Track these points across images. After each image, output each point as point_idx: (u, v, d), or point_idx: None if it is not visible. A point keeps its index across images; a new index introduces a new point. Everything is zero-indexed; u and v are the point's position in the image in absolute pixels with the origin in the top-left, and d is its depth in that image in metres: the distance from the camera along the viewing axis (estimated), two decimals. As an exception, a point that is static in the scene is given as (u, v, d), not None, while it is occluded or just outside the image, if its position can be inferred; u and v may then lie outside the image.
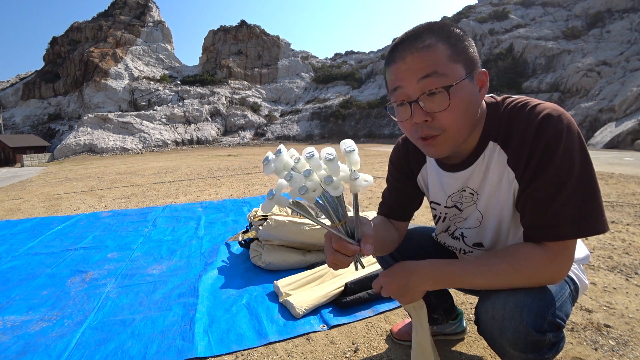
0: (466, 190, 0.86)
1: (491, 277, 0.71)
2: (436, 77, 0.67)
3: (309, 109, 46.86)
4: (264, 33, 59.46)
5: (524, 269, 0.70)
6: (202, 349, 1.31)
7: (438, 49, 0.68)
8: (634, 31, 29.14)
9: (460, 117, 0.70)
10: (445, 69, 0.67)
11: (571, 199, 0.66)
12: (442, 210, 0.95)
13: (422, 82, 0.68)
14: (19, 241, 2.87)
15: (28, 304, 1.74)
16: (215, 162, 13.31)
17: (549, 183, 0.67)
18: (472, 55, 0.71)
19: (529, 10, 41.29)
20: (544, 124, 0.68)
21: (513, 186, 0.75)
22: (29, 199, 5.51)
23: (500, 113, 0.77)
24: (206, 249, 2.48)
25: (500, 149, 0.76)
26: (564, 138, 0.66)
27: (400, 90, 0.71)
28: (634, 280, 1.73)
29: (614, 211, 3.15)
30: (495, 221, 0.83)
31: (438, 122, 0.70)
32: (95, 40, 53.45)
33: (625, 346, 1.22)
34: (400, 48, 0.70)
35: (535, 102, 0.72)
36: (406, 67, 0.69)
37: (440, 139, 0.72)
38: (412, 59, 0.68)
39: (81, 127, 37.80)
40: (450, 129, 0.71)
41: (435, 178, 0.93)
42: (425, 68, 0.67)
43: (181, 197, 4.85)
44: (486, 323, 0.76)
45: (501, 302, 0.72)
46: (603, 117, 21.59)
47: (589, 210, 0.66)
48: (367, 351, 1.28)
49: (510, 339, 0.70)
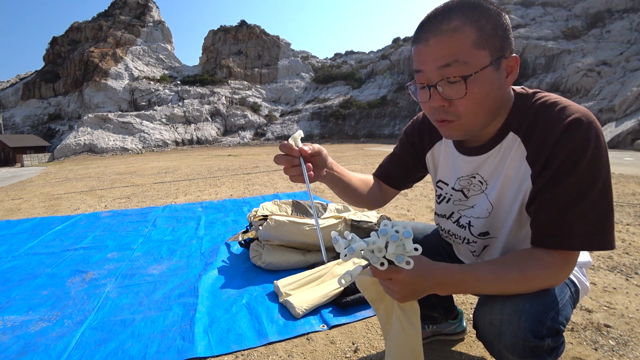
0: (476, 177, 0.85)
1: (502, 284, 0.70)
2: (456, 65, 0.65)
3: (309, 109, 46.86)
4: (264, 33, 59.46)
5: (535, 276, 0.69)
6: (202, 349, 1.31)
7: (464, 33, 0.65)
8: (634, 31, 29.14)
9: (477, 106, 0.69)
10: (467, 56, 0.65)
11: (589, 211, 0.65)
12: (448, 191, 0.93)
13: (442, 69, 0.67)
14: (19, 241, 2.87)
15: (28, 304, 1.74)
16: (215, 162, 13.31)
17: (570, 192, 0.65)
18: (504, 39, 0.67)
19: (529, 10, 41.28)
20: (572, 128, 0.65)
21: (527, 184, 0.73)
22: (29, 199, 5.51)
23: (528, 106, 0.74)
24: (206, 249, 2.48)
25: (521, 142, 0.74)
26: (592, 148, 0.64)
27: (421, 74, 0.71)
28: (634, 280, 1.73)
29: (614, 211, 3.15)
30: (505, 213, 0.81)
31: (455, 108, 0.70)
32: (95, 40, 53.45)
33: (625, 346, 1.22)
34: (426, 28, 0.68)
35: (567, 103, 0.70)
36: (428, 51, 0.68)
37: (455, 125, 0.72)
38: (434, 42, 0.66)
39: (81, 127, 37.80)
40: (466, 116, 0.70)
41: (447, 157, 0.92)
42: (446, 55, 0.66)
43: (181, 197, 4.85)
44: (484, 328, 0.75)
45: (499, 307, 0.71)
46: (603, 117, 21.59)
47: (603, 226, 0.66)
48: (367, 351, 1.28)
49: (508, 344, 0.69)
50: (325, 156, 0.84)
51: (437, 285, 0.71)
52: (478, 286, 0.71)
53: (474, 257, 0.97)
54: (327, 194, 4.60)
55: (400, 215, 3.26)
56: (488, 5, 0.67)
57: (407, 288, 0.69)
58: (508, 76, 0.70)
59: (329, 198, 4.22)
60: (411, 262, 0.67)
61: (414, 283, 0.69)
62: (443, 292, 0.73)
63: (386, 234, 0.67)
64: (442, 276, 0.70)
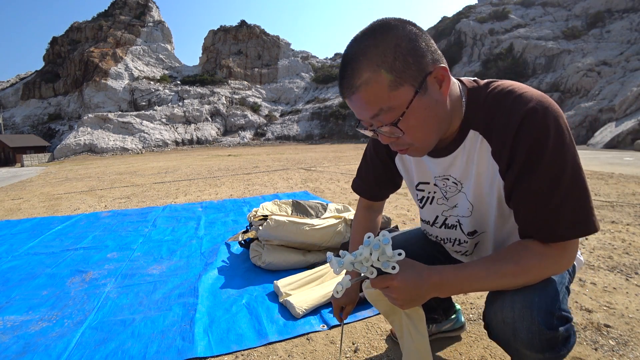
0: (449, 179, 0.84)
1: (499, 279, 0.69)
2: (384, 113, 0.66)
3: (309, 109, 46.88)
4: (264, 33, 59.46)
5: (533, 269, 0.68)
6: (202, 349, 1.31)
7: (377, 82, 0.63)
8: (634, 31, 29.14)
9: (420, 133, 0.70)
10: (389, 101, 0.64)
11: (565, 199, 0.64)
12: (430, 190, 0.92)
13: (373, 119, 0.68)
14: (19, 241, 2.87)
15: (28, 304, 1.74)
16: (215, 162, 13.31)
17: (541, 184, 0.65)
18: (418, 62, 0.64)
19: (529, 10, 41.29)
20: (528, 119, 0.64)
21: (497, 179, 0.73)
22: (29, 199, 5.51)
23: (482, 99, 0.73)
24: (206, 249, 2.48)
25: (483, 138, 0.73)
26: (552, 136, 0.63)
27: (362, 122, 0.72)
28: (634, 280, 1.73)
29: (614, 211, 3.15)
30: (486, 209, 0.82)
31: (403, 140, 0.71)
32: (95, 40, 53.46)
33: (625, 346, 1.22)
34: (343, 85, 0.68)
35: (521, 90, 0.68)
36: (354, 106, 0.69)
37: (412, 149, 0.74)
38: (354, 100, 0.67)
39: (81, 127, 37.80)
40: (417, 141, 0.71)
41: (418, 160, 0.91)
42: (370, 108, 0.66)
43: (181, 197, 4.85)
44: (497, 327, 0.74)
45: (509, 304, 0.71)
46: (603, 117, 21.59)
47: (582, 211, 0.65)
48: (367, 351, 1.28)
49: (524, 341, 0.69)
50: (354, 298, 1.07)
51: (434, 288, 0.71)
52: (475, 284, 0.71)
53: (466, 257, 0.97)
54: (327, 194, 4.60)
55: (400, 215, 3.26)
56: (391, 35, 0.63)
57: (404, 293, 0.71)
58: (441, 86, 0.67)
59: (329, 198, 4.23)
60: (396, 267, 0.71)
61: (410, 288, 0.70)
62: (442, 294, 0.73)
63: (369, 244, 0.72)
64: (437, 278, 0.71)
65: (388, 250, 0.71)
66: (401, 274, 0.71)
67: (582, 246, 2.24)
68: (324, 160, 11.47)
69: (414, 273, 0.71)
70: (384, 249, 0.71)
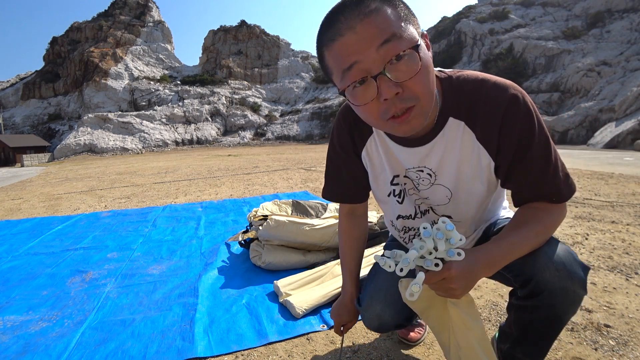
0: (424, 170, 0.83)
1: (533, 240, 0.75)
2: (397, 40, 0.58)
3: (309, 109, 46.87)
4: (264, 33, 59.46)
5: (553, 224, 0.76)
6: (202, 349, 1.31)
7: (387, 11, 0.59)
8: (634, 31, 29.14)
9: (430, 82, 0.64)
10: (400, 30, 0.59)
11: (558, 165, 0.74)
12: (401, 181, 0.90)
13: (383, 48, 0.58)
14: (19, 241, 2.87)
15: (28, 304, 1.74)
16: (215, 162, 13.31)
17: (539, 156, 0.72)
18: (413, 15, 0.64)
19: (529, 10, 41.28)
20: (513, 103, 0.71)
21: (487, 162, 0.77)
22: (29, 199, 5.51)
23: (456, 87, 0.75)
24: (206, 249, 2.48)
25: (465, 125, 0.75)
26: (534, 113, 0.71)
27: (356, 67, 0.60)
28: (634, 280, 1.73)
29: (614, 211, 3.14)
30: (466, 195, 0.83)
31: (410, 91, 0.61)
32: (95, 40, 53.45)
33: (625, 346, 1.22)
34: (343, 18, 0.59)
35: (493, 79, 0.74)
36: (358, 37, 0.58)
37: (416, 111, 0.63)
38: (362, 26, 0.58)
39: (81, 127, 37.80)
40: (424, 96, 0.63)
41: (388, 152, 0.86)
42: (382, 32, 0.58)
43: (181, 197, 4.85)
44: (553, 280, 0.73)
45: (552, 256, 0.75)
46: (603, 117, 21.59)
47: (568, 173, 0.76)
48: (367, 351, 1.28)
49: (580, 279, 0.75)
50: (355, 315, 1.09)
51: (485, 268, 0.71)
52: (516, 251, 0.74)
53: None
54: (327, 194, 4.60)
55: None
56: None
57: (462, 281, 0.68)
58: (428, 51, 0.65)
59: (329, 198, 4.23)
60: (462, 253, 0.68)
61: (466, 273, 0.68)
62: (491, 272, 0.73)
63: (430, 235, 0.68)
64: (485, 258, 0.71)
65: (455, 237, 0.67)
66: (456, 261, 0.68)
67: (582, 246, 2.24)
68: (324, 160, 11.44)
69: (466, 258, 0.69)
70: (449, 236, 0.67)
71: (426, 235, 0.68)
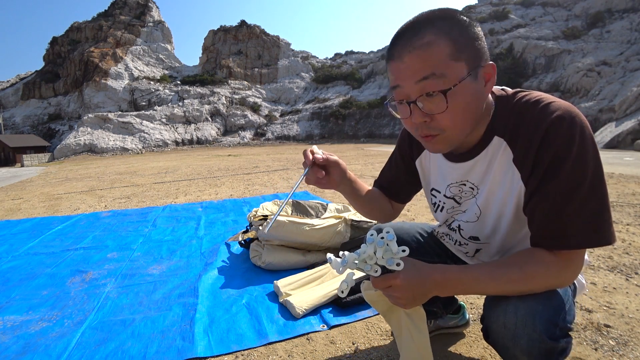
0: (466, 184, 0.84)
1: (503, 284, 0.69)
2: (434, 79, 0.64)
3: (309, 109, 46.87)
4: (264, 33, 59.45)
5: (537, 276, 0.68)
6: (202, 349, 1.31)
7: (438, 46, 0.64)
8: (634, 31, 29.14)
9: (459, 118, 0.68)
10: (445, 69, 0.64)
11: (583, 208, 0.64)
12: (441, 199, 0.93)
13: (420, 83, 0.65)
14: (19, 241, 2.87)
15: (28, 304, 1.74)
16: (215, 162, 13.31)
17: (560, 191, 0.65)
18: (478, 48, 0.67)
19: (529, 10, 41.29)
20: (555, 126, 0.64)
21: (518, 186, 0.73)
22: (29, 199, 5.51)
23: (510, 107, 0.74)
24: (206, 249, 2.48)
25: (507, 145, 0.73)
26: (577, 144, 0.63)
27: (399, 90, 0.70)
28: (634, 280, 1.73)
29: (614, 211, 3.14)
30: (494, 217, 0.81)
31: (437, 123, 0.69)
32: (95, 40, 53.45)
33: (625, 346, 1.22)
34: (399, 45, 0.67)
35: (549, 100, 0.68)
36: (404, 67, 0.66)
37: (440, 138, 0.71)
38: (409, 58, 0.65)
39: (81, 127, 37.79)
40: (449, 130, 0.69)
41: (435, 165, 0.93)
42: (423, 69, 0.64)
43: (181, 197, 4.85)
44: (497, 332, 0.73)
45: (512, 309, 0.70)
46: (603, 117, 21.59)
47: (599, 221, 0.64)
48: (367, 351, 1.28)
49: (524, 347, 0.69)
50: (344, 170, 0.92)
51: (436, 287, 0.71)
52: (477, 286, 0.71)
53: (467, 257, 0.98)
54: (327, 194, 4.60)
55: (400, 215, 3.26)
56: (459, 16, 0.66)
57: (407, 292, 0.70)
58: (486, 84, 0.69)
59: (329, 198, 4.22)
60: (401, 264, 0.70)
61: (413, 286, 0.70)
62: (443, 293, 0.73)
63: (373, 242, 0.71)
64: (439, 277, 0.71)
65: (393, 247, 0.70)
66: (403, 272, 0.70)
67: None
68: (324, 160, 11.43)
69: (415, 271, 0.71)
70: (389, 245, 0.70)
71: (369, 241, 0.71)
